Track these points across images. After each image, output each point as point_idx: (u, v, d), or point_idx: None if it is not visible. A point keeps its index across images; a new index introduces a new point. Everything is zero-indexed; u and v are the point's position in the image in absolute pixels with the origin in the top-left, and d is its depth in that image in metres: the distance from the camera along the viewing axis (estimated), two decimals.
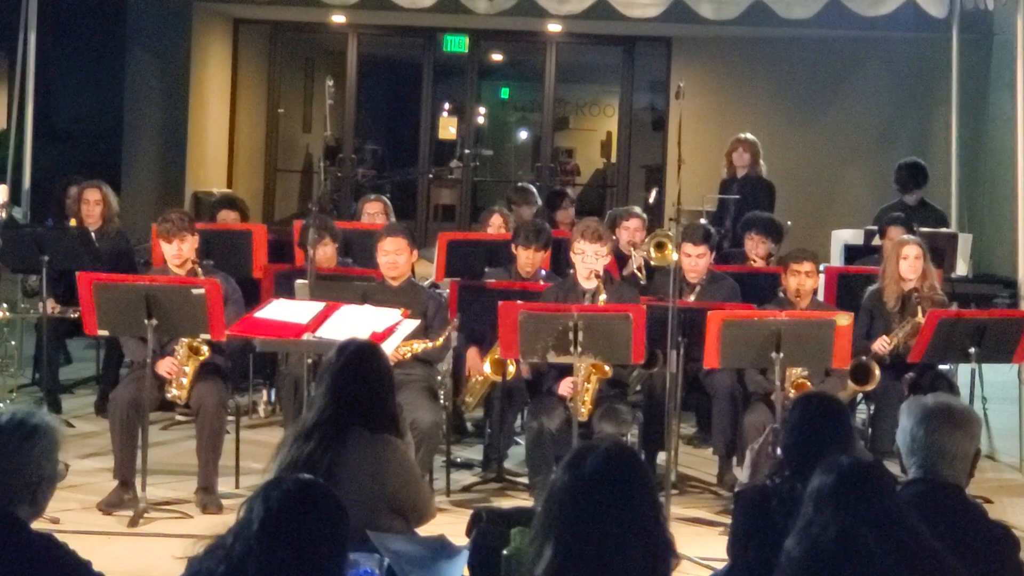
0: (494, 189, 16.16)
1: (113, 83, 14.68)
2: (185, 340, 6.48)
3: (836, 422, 4.17)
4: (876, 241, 8.94)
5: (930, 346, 6.98)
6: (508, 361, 6.73)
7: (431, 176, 15.70)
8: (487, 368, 6.96)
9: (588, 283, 6.76)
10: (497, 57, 17.63)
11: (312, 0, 10.56)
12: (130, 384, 6.47)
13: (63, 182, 9.41)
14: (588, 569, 2.90)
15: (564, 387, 6.52)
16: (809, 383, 6.71)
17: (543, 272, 7.62)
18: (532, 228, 7.60)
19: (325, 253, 7.78)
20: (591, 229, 6.80)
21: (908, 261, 7.40)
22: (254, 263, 8.05)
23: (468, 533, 4.32)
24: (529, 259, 7.49)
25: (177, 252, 6.75)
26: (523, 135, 19.66)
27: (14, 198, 9.75)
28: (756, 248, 8.43)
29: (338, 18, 14.60)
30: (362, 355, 4.45)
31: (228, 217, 8.84)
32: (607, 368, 6.47)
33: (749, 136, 10.11)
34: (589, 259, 6.74)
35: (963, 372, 7.77)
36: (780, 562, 3.17)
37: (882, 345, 7.24)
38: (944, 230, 9.28)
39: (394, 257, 6.86)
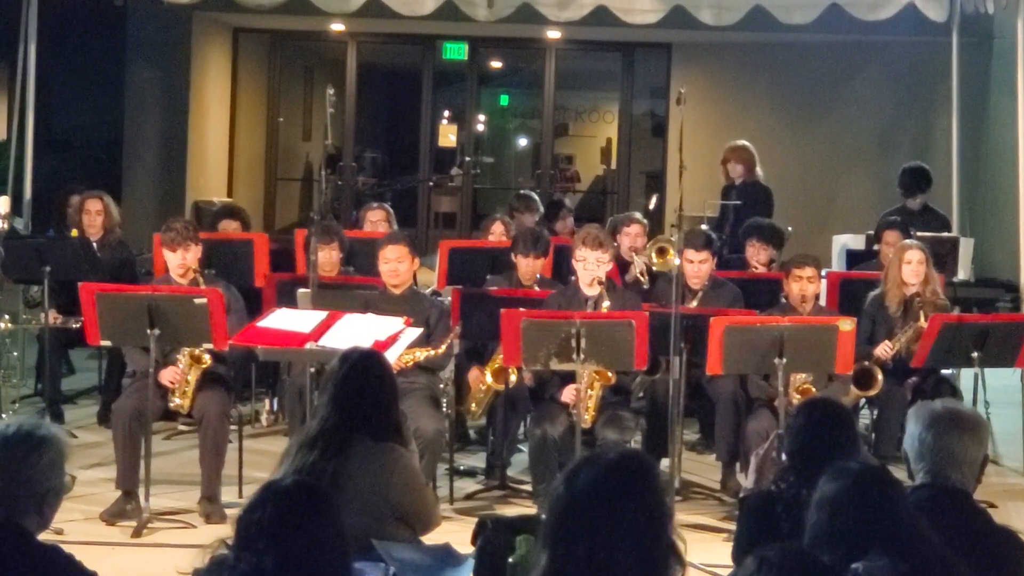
0: (495, 196, 16.17)
1: (113, 93, 14.67)
2: (187, 349, 6.47)
3: (840, 427, 4.16)
4: (875, 246, 8.93)
5: (933, 351, 6.97)
6: (511, 369, 6.73)
7: (431, 184, 15.68)
8: (489, 378, 6.95)
9: (590, 290, 6.75)
10: (497, 64, 17.61)
11: (311, 9, 10.52)
12: (133, 394, 6.46)
13: (64, 192, 9.40)
14: None
15: (567, 394, 6.51)
16: (814, 388, 6.70)
17: (538, 277, 7.60)
18: (530, 236, 7.60)
19: (330, 257, 7.77)
20: (592, 236, 6.78)
21: (911, 266, 7.39)
22: (255, 272, 8.04)
23: (473, 541, 4.30)
24: (529, 267, 7.49)
25: (181, 261, 6.74)
26: (523, 142, 19.64)
27: (15, 209, 9.75)
28: (757, 255, 8.41)
29: (337, 26, 14.59)
30: (365, 364, 4.46)
31: (229, 227, 8.83)
32: (610, 375, 6.46)
33: (741, 143, 10.09)
34: (591, 266, 6.73)
35: (966, 376, 7.75)
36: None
37: (884, 350, 7.23)
38: (946, 234, 9.26)
39: (395, 265, 6.86)
